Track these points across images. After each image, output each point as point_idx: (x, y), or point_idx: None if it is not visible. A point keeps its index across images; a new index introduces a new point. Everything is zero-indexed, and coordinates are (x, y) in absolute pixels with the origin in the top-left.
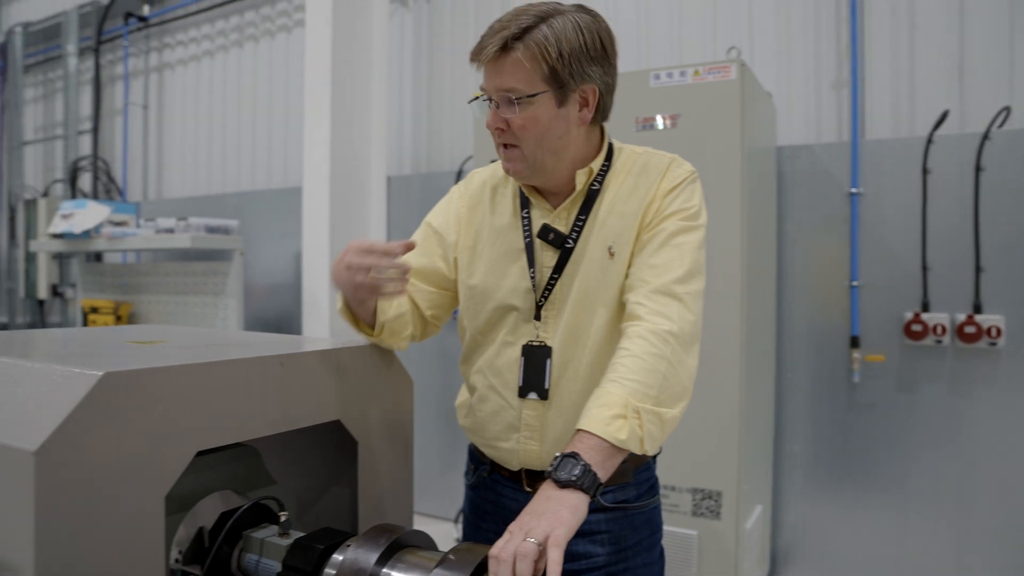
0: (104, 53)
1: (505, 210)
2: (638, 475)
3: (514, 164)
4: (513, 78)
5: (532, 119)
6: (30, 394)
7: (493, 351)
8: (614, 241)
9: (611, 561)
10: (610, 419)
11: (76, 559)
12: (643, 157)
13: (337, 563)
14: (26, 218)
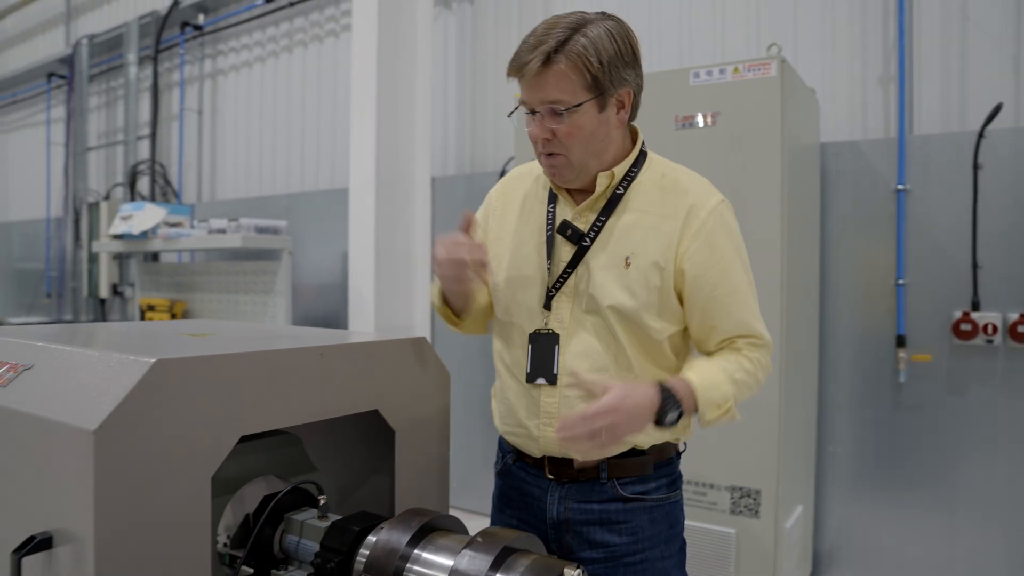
0: (162, 61)
1: (534, 205)
2: (658, 470)
3: (561, 172)
4: (557, 90)
5: (577, 127)
6: (91, 379)
7: (512, 338)
8: (633, 252)
9: (629, 551)
10: (713, 403)
11: (131, 531)
12: (670, 175)
13: (371, 544)
14: (89, 220)
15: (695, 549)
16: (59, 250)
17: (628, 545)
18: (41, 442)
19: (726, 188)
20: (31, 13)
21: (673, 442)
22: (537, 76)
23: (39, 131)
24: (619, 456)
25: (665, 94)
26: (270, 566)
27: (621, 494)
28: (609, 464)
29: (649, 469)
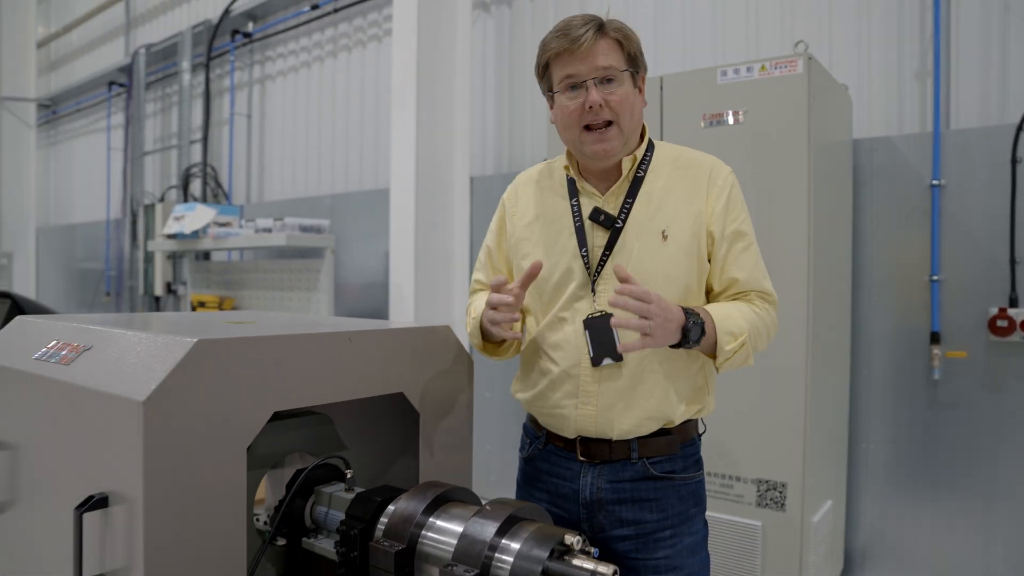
0: (213, 68)
1: (553, 201)
2: (684, 449)
3: (611, 142)
4: (608, 58)
5: (625, 95)
6: (140, 358)
7: (550, 327)
8: (668, 226)
9: (659, 528)
10: (732, 336)
11: (176, 493)
12: (684, 154)
13: (390, 512)
14: (145, 222)
15: (722, 541)
16: (118, 250)
17: (658, 521)
18: (98, 413)
19: (753, 185)
20: (94, 25)
21: (694, 419)
22: (592, 46)
23: (100, 137)
24: (648, 436)
25: (693, 93)
26: (301, 534)
27: (652, 472)
28: (640, 444)
29: (676, 448)
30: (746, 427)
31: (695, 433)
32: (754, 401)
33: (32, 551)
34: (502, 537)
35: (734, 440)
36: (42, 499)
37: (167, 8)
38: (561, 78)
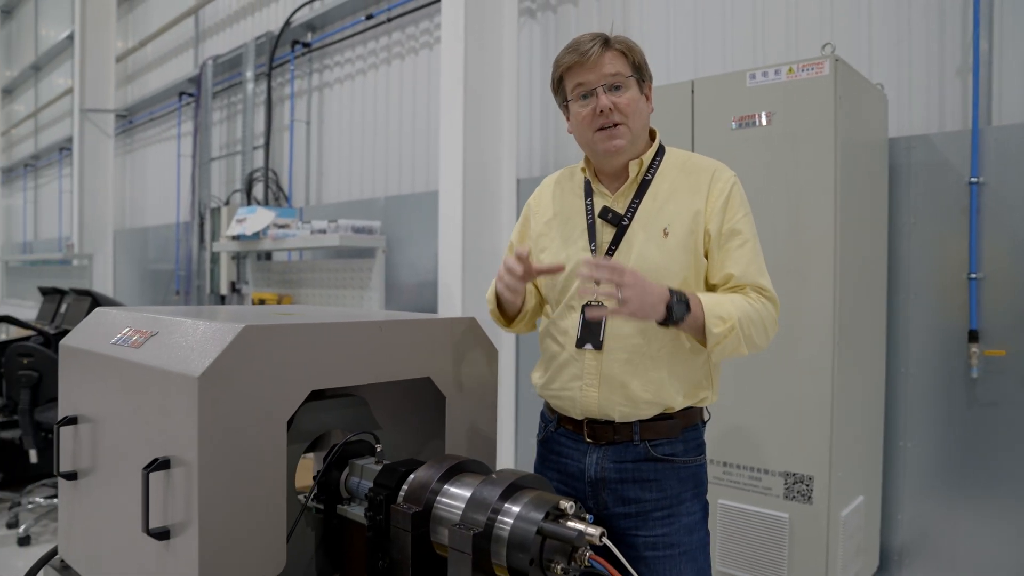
0: (275, 77)
1: (571, 200)
2: (686, 433)
3: (620, 140)
4: (614, 66)
5: (632, 99)
6: (197, 341)
7: (560, 315)
8: (669, 224)
9: (658, 507)
10: (719, 318)
11: (225, 458)
12: (691, 160)
13: (410, 480)
14: (212, 224)
15: (750, 532)
16: (187, 251)
17: (657, 501)
18: (162, 388)
19: (781, 185)
20: (167, 40)
21: (698, 407)
22: (599, 57)
23: (171, 145)
24: (651, 419)
25: (724, 96)
26: (336, 502)
27: (653, 454)
28: (642, 427)
29: (678, 432)
30: (774, 421)
31: (699, 420)
32: (782, 395)
33: (108, 509)
34: (504, 501)
35: (762, 433)
36: (116, 463)
37: (233, 21)
38: (573, 87)
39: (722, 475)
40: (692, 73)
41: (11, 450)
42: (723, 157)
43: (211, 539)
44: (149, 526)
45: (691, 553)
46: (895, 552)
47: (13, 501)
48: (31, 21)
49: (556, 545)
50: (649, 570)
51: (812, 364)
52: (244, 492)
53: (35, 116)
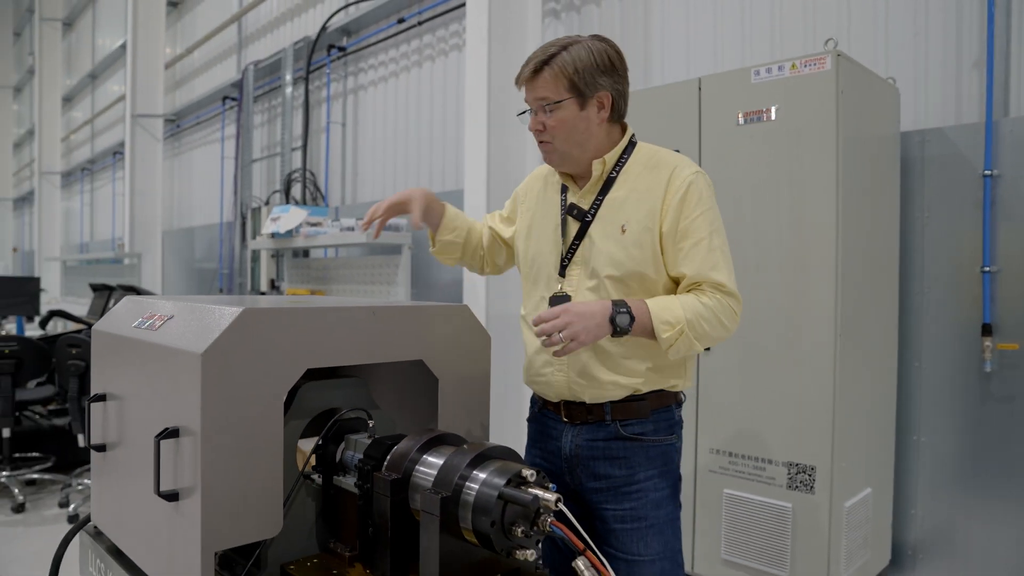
0: (312, 80)
1: (551, 195)
2: (656, 414)
3: (550, 156)
4: (544, 90)
5: (560, 120)
6: (204, 322)
7: (535, 304)
8: (627, 220)
9: (626, 482)
10: (665, 323)
11: (226, 428)
12: (656, 155)
13: (392, 450)
14: (253, 223)
15: (754, 520)
16: (230, 250)
17: (626, 477)
18: (172, 364)
19: (785, 179)
20: (211, 46)
21: (671, 391)
22: (530, 81)
23: (215, 148)
24: (622, 400)
25: (730, 92)
26: (333, 474)
27: (622, 433)
28: (613, 407)
29: (647, 413)
30: (778, 411)
31: (672, 402)
32: (785, 387)
33: (130, 476)
34: (472, 469)
35: (766, 424)
36: (137, 434)
37: (272, 27)
38: None
39: (727, 465)
40: (713, 69)
41: (62, 436)
42: (729, 152)
43: (213, 501)
44: (160, 488)
45: (658, 526)
46: (908, 547)
47: (64, 483)
48: (89, 32)
49: (518, 510)
50: (618, 541)
51: (814, 356)
52: (244, 460)
53: (92, 122)
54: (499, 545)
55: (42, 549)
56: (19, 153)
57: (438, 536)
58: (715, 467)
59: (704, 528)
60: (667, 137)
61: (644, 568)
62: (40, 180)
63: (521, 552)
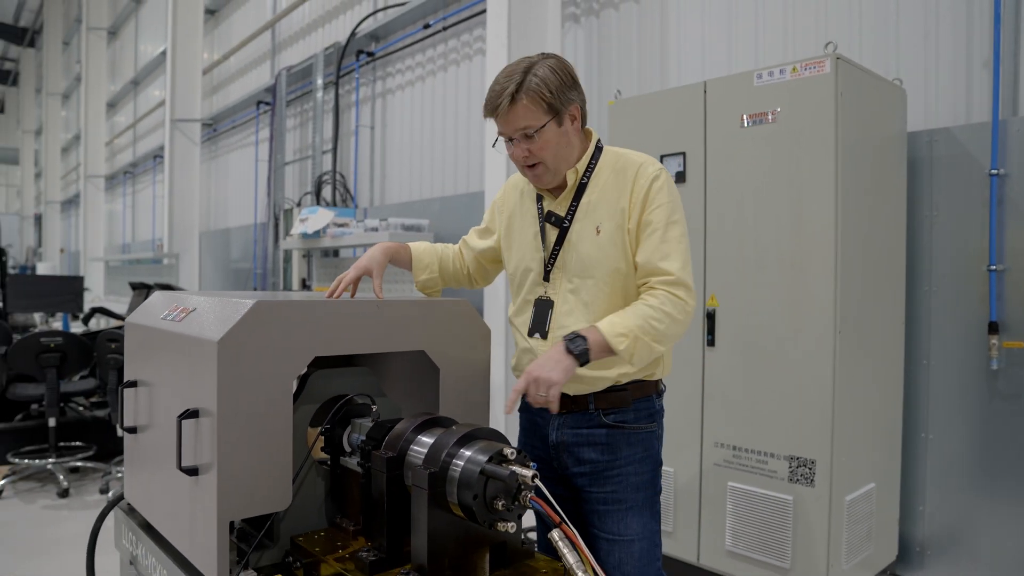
0: (342, 85)
1: (528, 205)
2: (637, 403)
3: (542, 178)
4: (524, 119)
5: (546, 142)
6: (222, 314)
7: (520, 308)
8: (600, 222)
9: (608, 467)
10: (618, 335)
11: (240, 409)
12: (623, 158)
13: (391, 431)
14: (285, 224)
15: (757, 513)
16: (263, 250)
17: (608, 462)
18: (193, 351)
19: (785, 180)
20: (246, 52)
21: (650, 380)
22: (509, 113)
23: (250, 151)
24: (604, 391)
25: (734, 95)
26: (340, 455)
27: (604, 422)
28: (595, 397)
29: (629, 403)
30: (780, 406)
31: (652, 392)
32: (787, 382)
33: (157, 455)
34: (460, 447)
35: (769, 419)
36: (163, 416)
37: (304, 34)
38: (497, 132)
39: (732, 458)
40: (727, 71)
41: (102, 426)
42: (733, 153)
43: (228, 476)
44: (182, 464)
45: (637, 508)
46: (917, 543)
47: (104, 471)
48: (132, 40)
49: (499, 485)
50: (601, 521)
51: (814, 353)
52: (256, 439)
53: (134, 127)
54: (482, 518)
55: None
56: (66, 158)
57: (427, 508)
58: (720, 461)
59: (709, 521)
60: (675, 138)
61: (625, 547)
62: (85, 183)
63: (503, 524)
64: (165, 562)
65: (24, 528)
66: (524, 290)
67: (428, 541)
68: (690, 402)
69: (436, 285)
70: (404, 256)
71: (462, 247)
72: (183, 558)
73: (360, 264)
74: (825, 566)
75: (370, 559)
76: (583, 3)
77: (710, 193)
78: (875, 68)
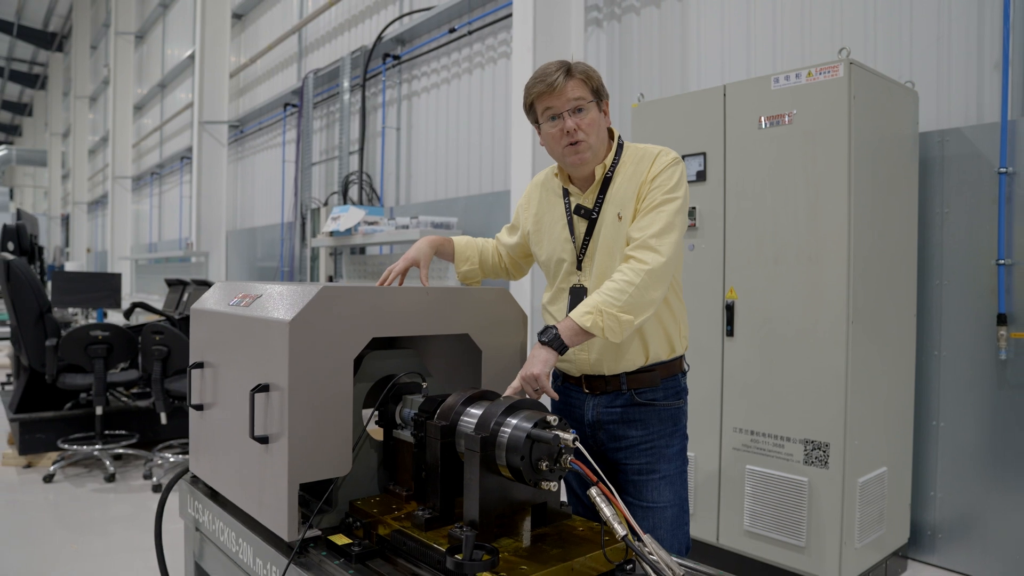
0: (368, 88)
1: (555, 199)
2: (665, 382)
3: (583, 155)
4: (578, 91)
5: (591, 120)
6: (291, 299)
7: (555, 296)
8: (621, 209)
9: (642, 441)
10: (583, 313)
11: (308, 383)
12: (642, 149)
13: (441, 404)
14: (312, 224)
15: (774, 493)
16: (290, 249)
17: (641, 436)
18: (264, 332)
19: (801, 178)
20: (273, 55)
21: (675, 359)
22: (563, 85)
23: (276, 152)
24: (635, 372)
25: (752, 98)
26: (393, 428)
27: (636, 400)
28: (628, 378)
29: (658, 382)
30: (796, 392)
31: (678, 371)
32: (802, 369)
33: (225, 428)
34: (507, 416)
35: (785, 404)
36: (232, 392)
37: (331, 37)
38: (543, 111)
39: (750, 443)
40: (745, 74)
41: (144, 415)
42: (751, 153)
43: (297, 443)
44: (255, 433)
45: (669, 478)
46: (928, 527)
47: (147, 458)
48: (159, 44)
49: (543, 448)
50: (636, 490)
51: (828, 341)
52: (320, 410)
53: (160, 129)
54: (528, 477)
55: (131, 513)
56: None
57: (479, 470)
58: (738, 445)
59: (728, 502)
60: (695, 139)
61: (659, 513)
62: (113, 184)
63: (546, 484)
64: (233, 524)
65: (76, 509)
66: (558, 279)
67: (480, 500)
68: (711, 390)
69: (476, 276)
70: (448, 249)
71: (496, 244)
72: (252, 521)
73: (408, 256)
74: (838, 545)
75: (425, 517)
76: (606, 8)
77: (729, 191)
78: (889, 71)
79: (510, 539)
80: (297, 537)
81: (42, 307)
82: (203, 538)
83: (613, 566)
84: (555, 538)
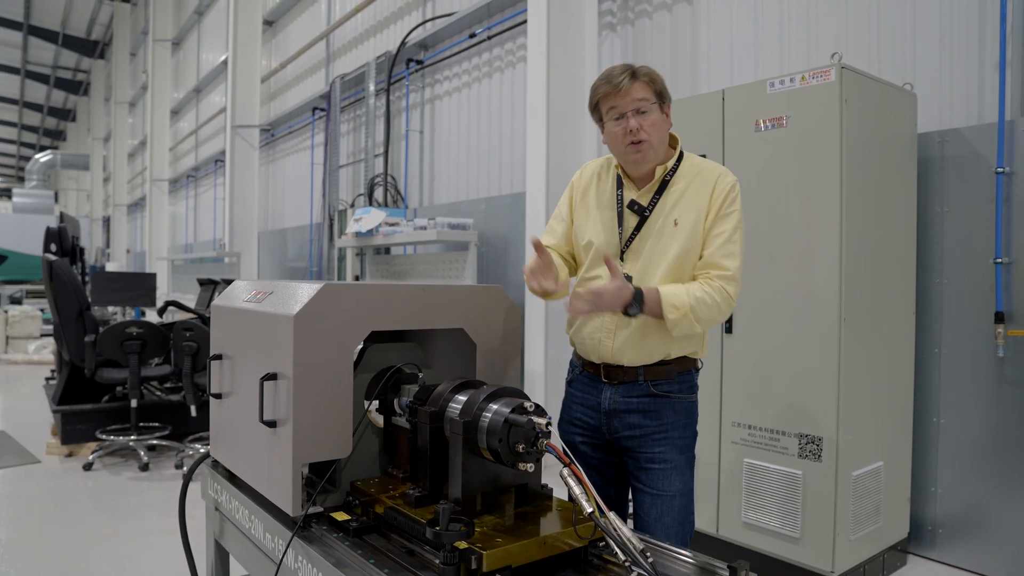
0: (393, 92)
1: (607, 189)
2: (681, 376)
3: (646, 154)
4: (642, 93)
5: (656, 120)
6: (296, 295)
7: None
8: (680, 216)
9: (657, 430)
10: (674, 307)
11: (311, 373)
12: (703, 164)
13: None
14: (339, 225)
15: (770, 485)
16: (319, 249)
17: (656, 427)
18: (273, 325)
19: (794, 180)
20: (302, 61)
21: (692, 357)
22: (629, 87)
23: (306, 155)
24: (653, 364)
25: (748, 102)
26: (392, 415)
27: (653, 391)
28: (645, 370)
29: (674, 375)
30: (791, 387)
31: (692, 367)
32: (797, 365)
33: (240, 414)
34: (488, 402)
35: (781, 399)
36: (244, 382)
37: (357, 43)
38: (607, 110)
39: (747, 436)
40: (753, 77)
41: (176, 409)
42: (748, 155)
43: (301, 427)
44: (263, 417)
45: (680, 468)
46: (928, 522)
47: (178, 449)
48: (195, 50)
49: (520, 432)
50: (648, 478)
51: (821, 337)
52: (323, 397)
53: (196, 133)
54: (506, 459)
55: (163, 499)
56: (132, 163)
57: (462, 451)
58: (736, 439)
59: (727, 494)
60: (695, 142)
61: (667, 501)
62: (151, 187)
63: (523, 464)
64: (247, 503)
65: (114, 496)
66: (597, 267)
67: (463, 479)
68: (710, 386)
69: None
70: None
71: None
72: (263, 499)
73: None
74: (832, 536)
75: (416, 495)
76: (619, 12)
77: None
78: (891, 72)
79: (492, 517)
80: (301, 513)
81: (82, 305)
82: (222, 517)
83: (586, 542)
84: (533, 516)
